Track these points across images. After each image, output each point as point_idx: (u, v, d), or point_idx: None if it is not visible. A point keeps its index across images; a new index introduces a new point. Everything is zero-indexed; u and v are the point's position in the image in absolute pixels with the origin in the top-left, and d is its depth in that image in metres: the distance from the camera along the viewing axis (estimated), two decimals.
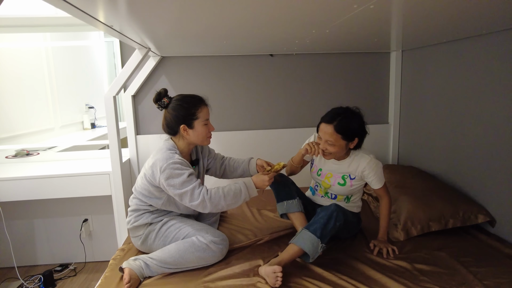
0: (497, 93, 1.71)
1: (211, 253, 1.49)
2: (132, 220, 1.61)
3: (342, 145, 1.55)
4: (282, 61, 2.55)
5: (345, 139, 1.54)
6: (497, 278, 1.33)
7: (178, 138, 1.59)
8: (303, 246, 1.38)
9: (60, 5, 1.03)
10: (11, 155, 2.51)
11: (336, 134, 1.52)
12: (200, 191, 1.44)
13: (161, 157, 1.48)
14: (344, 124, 1.51)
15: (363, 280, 1.37)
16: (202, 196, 1.43)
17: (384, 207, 1.67)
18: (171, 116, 1.54)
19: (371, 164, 1.59)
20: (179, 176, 1.44)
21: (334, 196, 1.73)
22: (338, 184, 1.66)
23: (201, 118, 1.54)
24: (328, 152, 1.57)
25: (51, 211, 2.47)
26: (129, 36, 1.59)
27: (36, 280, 2.26)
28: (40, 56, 2.80)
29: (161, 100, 1.56)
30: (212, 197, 1.44)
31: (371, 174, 1.60)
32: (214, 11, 1.15)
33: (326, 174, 1.70)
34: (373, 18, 1.32)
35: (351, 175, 1.64)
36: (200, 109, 1.55)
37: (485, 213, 1.73)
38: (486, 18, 1.39)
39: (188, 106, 1.54)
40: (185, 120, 1.53)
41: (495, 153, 1.73)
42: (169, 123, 1.57)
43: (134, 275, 1.39)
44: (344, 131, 1.52)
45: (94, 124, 3.43)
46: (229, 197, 1.46)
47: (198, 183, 1.46)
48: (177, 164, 1.46)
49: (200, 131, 1.55)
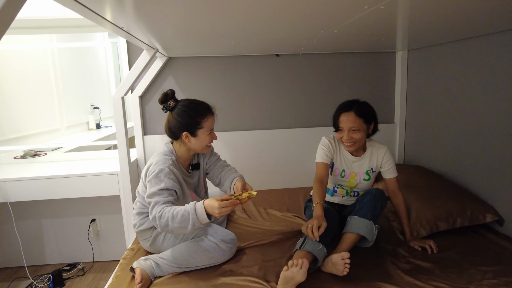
0: (503, 92, 1.71)
1: (220, 252, 1.50)
2: (137, 223, 1.62)
3: (364, 130, 1.61)
4: (288, 61, 2.55)
5: (366, 123, 1.60)
6: (506, 276, 1.34)
7: (179, 143, 1.56)
8: (359, 231, 1.42)
9: (70, 5, 1.03)
10: (19, 156, 2.53)
11: (359, 119, 1.58)
12: (156, 208, 1.35)
13: (155, 160, 1.49)
14: (363, 107, 1.61)
15: (373, 274, 1.38)
16: (155, 213, 1.34)
17: (402, 204, 1.71)
18: (175, 121, 1.51)
19: (389, 151, 1.69)
20: (155, 185, 1.40)
21: (356, 194, 1.76)
22: (364, 180, 1.72)
23: (205, 128, 1.51)
24: (353, 140, 1.60)
25: (60, 211, 2.50)
26: (137, 37, 1.60)
27: (46, 280, 2.28)
28: (46, 58, 2.82)
29: (167, 102, 1.51)
30: (162, 216, 1.32)
31: (389, 162, 1.68)
32: (222, 12, 1.15)
33: (351, 174, 1.72)
34: (382, 18, 1.33)
35: (373, 168, 1.71)
36: (206, 119, 1.51)
37: (493, 212, 1.73)
38: (493, 18, 1.39)
39: (194, 114, 1.49)
40: (189, 128, 1.50)
41: (502, 152, 1.73)
42: (171, 128, 1.53)
43: (145, 275, 1.40)
44: (364, 114, 1.59)
45: (99, 124, 3.44)
46: (177, 219, 1.30)
47: (164, 200, 1.37)
48: (164, 172, 1.42)
49: (202, 140, 1.52)
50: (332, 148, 1.70)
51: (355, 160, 1.70)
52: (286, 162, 2.61)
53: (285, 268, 1.28)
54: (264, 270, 1.44)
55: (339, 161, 1.73)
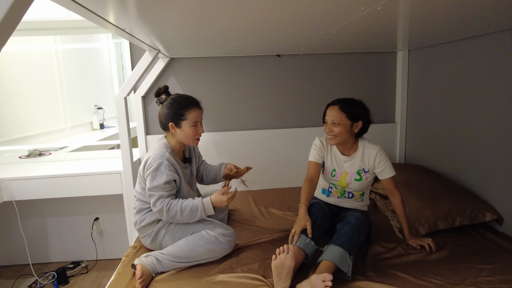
0: (504, 91, 1.72)
1: (220, 245, 1.54)
2: (138, 220, 1.66)
3: (347, 125, 1.60)
4: (289, 61, 2.57)
5: (350, 119, 1.60)
6: (502, 274, 1.35)
7: (171, 135, 1.67)
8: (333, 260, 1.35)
9: (74, 8, 1.06)
10: (24, 155, 2.57)
11: (341, 113, 1.59)
12: (162, 201, 1.52)
13: (152, 154, 1.57)
14: (348, 104, 1.61)
15: (367, 270, 1.40)
16: (161, 206, 1.51)
17: (400, 203, 1.69)
18: (163, 112, 1.64)
19: (382, 151, 1.66)
20: (157, 178, 1.52)
21: (351, 195, 1.74)
22: (355, 180, 1.69)
23: (189, 119, 1.60)
24: (333, 133, 1.60)
25: (64, 209, 2.53)
26: (139, 38, 1.63)
27: (50, 277, 2.32)
28: (51, 59, 2.86)
29: (160, 96, 1.66)
30: (170, 209, 1.52)
31: (383, 162, 1.64)
32: (223, 14, 1.18)
33: (341, 173, 1.71)
34: (380, 19, 1.34)
35: (364, 169, 1.68)
36: (190, 111, 1.61)
37: (492, 211, 1.74)
38: (492, 17, 1.40)
39: (178, 106, 1.61)
40: (174, 119, 1.61)
41: (502, 152, 1.74)
42: (161, 119, 1.66)
43: (146, 271, 1.43)
44: (348, 110, 1.59)
45: (102, 124, 3.49)
46: (185, 212, 1.52)
47: (168, 194, 1.54)
48: (164, 165, 1.53)
49: (187, 131, 1.62)
50: (323, 147, 1.72)
51: (346, 160, 1.69)
52: (287, 162, 2.63)
53: (273, 257, 1.31)
54: (263, 267, 1.47)
55: (330, 160, 1.73)
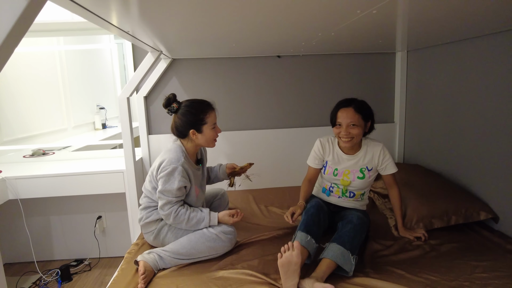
0: (501, 92, 1.74)
1: (221, 243, 1.58)
2: (143, 217, 1.69)
3: (362, 127, 1.63)
4: (289, 62, 2.61)
5: (364, 119, 1.63)
6: (495, 271, 1.38)
7: (187, 140, 1.68)
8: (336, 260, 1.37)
9: (78, 11, 1.09)
10: (28, 155, 2.61)
11: (357, 114, 1.61)
12: (171, 207, 1.57)
13: (168, 158, 1.58)
14: (361, 104, 1.64)
15: (365, 266, 1.43)
16: (169, 211, 1.57)
17: (397, 196, 1.75)
18: (181, 121, 1.63)
19: (385, 148, 1.70)
20: (170, 183, 1.55)
21: (352, 195, 1.75)
22: (358, 178, 1.71)
23: (209, 123, 1.64)
24: (351, 135, 1.62)
25: (67, 208, 2.57)
26: (142, 40, 1.66)
27: (54, 274, 2.36)
28: (54, 60, 2.90)
29: (171, 106, 1.65)
30: (178, 217, 1.58)
31: (387, 158, 1.69)
32: (224, 16, 1.21)
33: (344, 172, 1.73)
34: (376, 22, 1.37)
35: (368, 167, 1.70)
36: (208, 115, 1.64)
37: (487, 210, 1.77)
38: (490, 19, 1.42)
39: (197, 112, 1.63)
40: (194, 125, 1.62)
41: (498, 151, 1.77)
42: (178, 128, 1.65)
43: (148, 267, 1.47)
44: (362, 110, 1.63)
45: (105, 124, 3.53)
46: (192, 222, 1.59)
47: (177, 200, 1.58)
48: (178, 171, 1.55)
49: (208, 135, 1.65)
50: (324, 150, 1.76)
51: (349, 159, 1.72)
52: (287, 161, 2.66)
53: (279, 256, 1.33)
54: (263, 264, 1.50)
55: (332, 160, 1.75)
